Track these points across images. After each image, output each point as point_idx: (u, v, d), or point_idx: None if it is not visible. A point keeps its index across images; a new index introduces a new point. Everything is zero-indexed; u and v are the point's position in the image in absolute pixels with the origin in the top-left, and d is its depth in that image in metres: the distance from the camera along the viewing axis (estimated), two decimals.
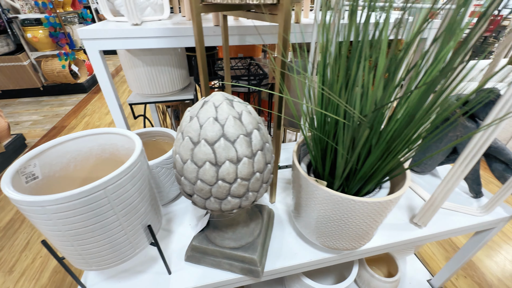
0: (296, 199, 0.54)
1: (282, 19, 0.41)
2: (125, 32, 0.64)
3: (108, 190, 0.34)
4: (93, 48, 0.65)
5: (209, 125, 0.37)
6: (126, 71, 0.88)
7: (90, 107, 2.72)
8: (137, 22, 0.68)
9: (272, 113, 0.56)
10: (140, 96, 0.94)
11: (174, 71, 0.91)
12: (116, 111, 0.75)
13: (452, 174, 0.52)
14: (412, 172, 0.83)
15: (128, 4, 0.65)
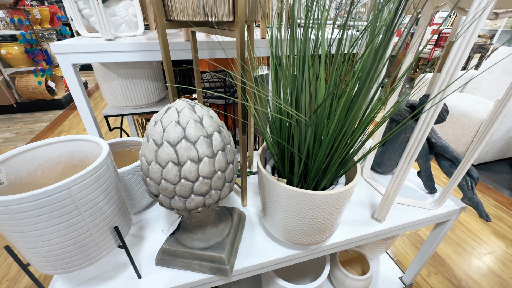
0: (262, 199, 0.57)
1: (238, 34, 0.47)
2: (98, 46, 0.67)
3: (73, 190, 0.36)
4: (66, 61, 0.67)
5: (171, 127, 0.41)
6: (102, 84, 0.91)
7: (67, 123, 2.65)
8: (110, 37, 0.71)
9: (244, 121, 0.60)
10: (115, 109, 0.96)
11: (149, 84, 0.94)
12: (89, 123, 0.76)
13: (399, 170, 0.58)
14: (375, 172, 0.89)
15: (101, 20, 0.69)
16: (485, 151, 1.86)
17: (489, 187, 1.78)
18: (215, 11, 0.45)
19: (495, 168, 1.99)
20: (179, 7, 0.45)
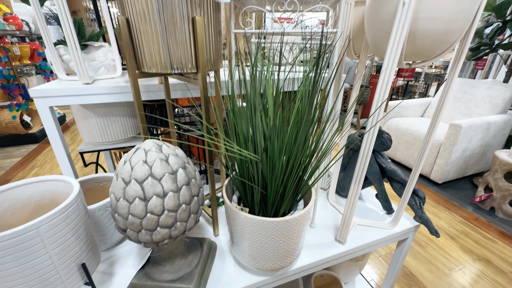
0: (230, 228, 0.61)
1: (201, 82, 0.54)
2: (76, 90, 0.73)
3: (41, 229, 0.39)
4: (43, 104, 0.71)
5: (139, 166, 0.46)
6: (78, 122, 0.94)
7: (41, 158, 2.57)
8: (88, 81, 0.77)
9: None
10: (91, 145, 0.98)
11: (126, 120, 0.99)
12: (64, 163, 0.79)
13: (351, 193, 0.65)
14: (340, 196, 0.96)
15: (79, 66, 0.76)
16: (447, 170, 2.03)
17: (454, 204, 1.91)
18: (181, 65, 0.53)
19: (458, 186, 2.15)
20: (149, 62, 0.53)
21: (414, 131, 2.23)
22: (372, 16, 0.55)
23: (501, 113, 2.10)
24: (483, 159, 2.17)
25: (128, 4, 0.49)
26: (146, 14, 0.48)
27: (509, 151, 1.78)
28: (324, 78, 0.53)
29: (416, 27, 0.48)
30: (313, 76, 0.43)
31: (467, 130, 1.88)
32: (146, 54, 0.52)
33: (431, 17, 0.47)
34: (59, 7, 0.70)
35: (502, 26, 2.12)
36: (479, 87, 2.24)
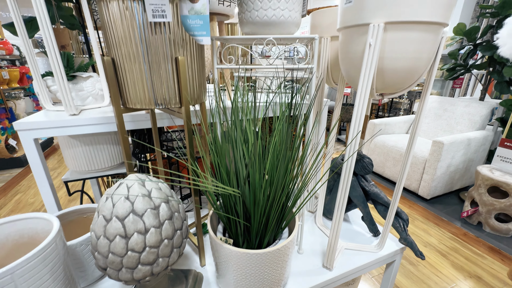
0: (214, 259, 0.61)
1: (184, 115, 0.56)
2: (61, 122, 0.73)
3: (16, 274, 0.38)
4: (28, 136, 0.71)
5: (120, 203, 0.46)
6: (64, 150, 0.94)
7: (25, 183, 2.49)
8: (75, 112, 0.78)
9: None
10: (77, 173, 0.97)
11: (113, 148, 0.99)
12: (48, 195, 0.77)
13: (335, 220, 0.66)
14: (328, 219, 0.97)
15: (66, 98, 0.77)
16: (434, 186, 2.07)
17: (443, 220, 1.93)
18: (165, 101, 0.55)
19: (446, 201, 2.19)
20: (134, 98, 0.55)
21: (400, 148, 2.29)
22: (344, 53, 0.59)
23: (480, 129, 2.20)
24: (467, 174, 2.24)
25: (115, 46, 0.51)
26: (131, 55, 0.51)
27: (490, 166, 1.85)
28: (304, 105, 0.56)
29: (383, 65, 0.53)
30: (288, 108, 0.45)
31: (449, 146, 1.95)
32: (131, 91, 0.54)
33: (395, 57, 0.51)
34: (47, 42, 0.73)
35: (474, 49, 2.28)
36: (458, 104, 2.35)
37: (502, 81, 2.12)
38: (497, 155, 1.80)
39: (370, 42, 0.50)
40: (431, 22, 0.48)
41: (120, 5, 0.47)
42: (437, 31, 0.50)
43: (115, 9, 0.48)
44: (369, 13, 0.49)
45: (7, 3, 0.74)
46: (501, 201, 1.70)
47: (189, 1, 0.47)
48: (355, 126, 0.57)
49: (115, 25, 0.49)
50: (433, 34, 0.50)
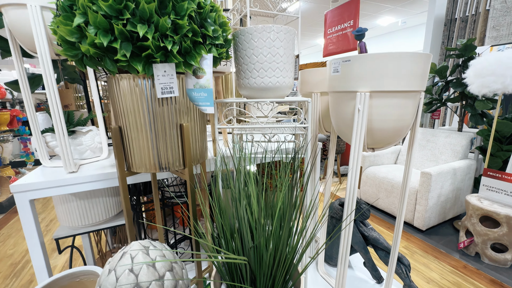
0: None
1: (188, 177, 0.58)
2: (60, 181, 0.73)
3: None
4: (24, 198, 0.70)
5: (124, 277, 0.45)
6: (57, 206, 0.91)
7: (5, 231, 2.32)
8: (74, 170, 0.78)
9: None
10: (69, 229, 0.94)
11: (108, 200, 0.97)
12: (38, 257, 0.74)
13: (340, 264, 0.66)
14: (330, 266, 0.95)
15: (66, 155, 0.77)
16: (428, 217, 2.09)
17: (441, 252, 1.92)
18: (169, 164, 0.57)
19: (441, 231, 2.20)
20: (139, 163, 0.57)
21: (391, 179, 2.35)
22: (335, 112, 0.64)
23: (463, 158, 2.31)
24: (457, 203, 2.28)
25: (122, 116, 0.54)
26: (138, 125, 0.54)
27: (478, 195, 1.91)
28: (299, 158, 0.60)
29: (372, 125, 0.58)
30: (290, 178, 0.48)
31: (437, 177, 2.02)
32: (136, 157, 0.56)
33: (382, 119, 0.57)
34: (51, 102, 0.75)
35: (446, 85, 2.50)
36: (439, 135, 2.49)
37: (475, 113, 2.29)
38: (483, 184, 1.87)
39: (358, 107, 0.55)
40: (409, 91, 0.54)
41: (130, 82, 0.51)
42: (416, 96, 0.57)
43: (125, 85, 0.52)
44: (355, 83, 0.55)
45: (14, 62, 0.78)
46: (494, 231, 1.73)
47: (194, 77, 0.52)
48: (352, 179, 0.60)
49: (124, 98, 0.53)
50: (413, 99, 0.56)
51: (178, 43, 0.46)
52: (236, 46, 0.63)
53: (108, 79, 0.55)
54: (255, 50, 0.60)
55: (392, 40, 7.20)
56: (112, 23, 0.41)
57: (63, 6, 0.44)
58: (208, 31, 0.50)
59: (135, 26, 0.42)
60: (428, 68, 0.54)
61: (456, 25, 3.87)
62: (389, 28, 6.70)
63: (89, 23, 0.41)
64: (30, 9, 0.65)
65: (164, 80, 0.48)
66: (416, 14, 5.65)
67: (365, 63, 0.53)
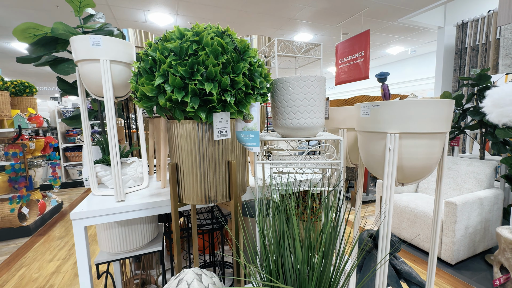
0: None
1: (233, 209, 0.64)
2: (111, 210, 0.81)
3: None
4: (80, 225, 0.78)
5: None
6: (100, 232, 0.98)
7: (31, 254, 2.40)
8: (123, 199, 0.86)
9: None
10: (108, 254, 0.99)
11: (145, 226, 1.03)
12: (85, 279, 0.79)
13: None
14: None
15: (117, 185, 0.86)
16: (456, 249, 1.99)
17: None
18: (215, 198, 0.64)
19: (472, 266, 2.07)
20: (187, 195, 0.64)
21: (413, 208, 2.29)
22: (365, 149, 0.70)
23: (488, 187, 2.24)
24: (487, 235, 2.17)
25: (177, 153, 0.63)
26: (191, 162, 0.62)
27: (510, 227, 1.82)
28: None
29: (402, 163, 0.63)
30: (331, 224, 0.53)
31: (463, 207, 1.96)
32: (186, 190, 0.63)
33: (411, 157, 0.62)
34: (111, 137, 0.85)
35: (463, 113, 2.51)
36: (461, 163, 2.45)
37: (497, 141, 2.27)
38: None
39: (389, 147, 0.61)
40: (435, 132, 0.60)
41: (188, 126, 0.60)
42: (442, 136, 0.62)
43: (184, 128, 0.61)
44: (385, 125, 0.62)
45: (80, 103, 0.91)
46: None
47: (243, 121, 0.60)
48: (386, 214, 0.64)
49: (180, 139, 0.62)
50: (439, 139, 0.62)
51: (234, 95, 0.55)
52: (274, 92, 0.73)
53: (168, 123, 0.65)
54: (292, 96, 0.69)
55: (402, 67, 7.37)
56: (186, 83, 0.51)
57: (144, 68, 0.54)
58: (256, 83, 0.59)
59: (203, 84, 0.52)
60: (452, 112, 0.60)
61: (467, 53, 3.96)
62: (398, 56, 6.90)
63: (167, 83, 0.51)
64: (102, 63, 0.78)
65: (221, 125, 0.57)
66: (425, 43, 5.83)
67: (393, 109, 0.59)
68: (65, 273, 2.09)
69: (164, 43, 0.54)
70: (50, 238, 2.71)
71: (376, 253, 0.86)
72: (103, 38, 0.77)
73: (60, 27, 0.96)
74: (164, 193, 0.95)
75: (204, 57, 0.51)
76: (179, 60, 0.52)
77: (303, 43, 1.14)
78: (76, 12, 1.07)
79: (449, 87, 4.02)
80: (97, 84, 0.82)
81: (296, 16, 4.00)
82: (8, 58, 5.46)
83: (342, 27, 4.61)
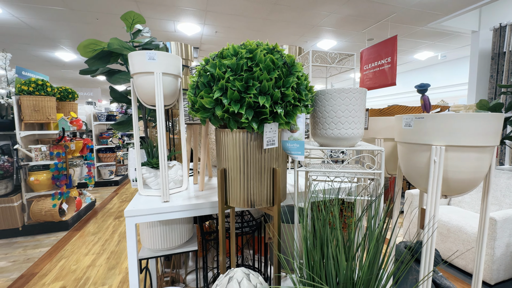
0: None
1: (276, 213, 0.67)
2: (158, 209, 0.88)
3: None
4: (131, 222, 0.85)
5: None
6: (143, 230, 1.06)
7: (69, 247, 2.59)
8: (167, 200, 0.93)
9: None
10: (149, 251, 1.07)
11: (184, 226, 1.10)
12: (134, 273, 0.86)
13: None
14: None
15: (164, 186, 0.93)
16: (496, 269, 1.86)
17: None
18: (259, 202, 0.67)
19: None
20: (233, 199, 0.68)
21: (446, 222, 2.18)
22: (406, 161, 0.71)
23: None
24: None
25: (226, 160, 0.68)
26: (236, 168, 0.66)
27: None
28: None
29: (447, 175, 0.63)
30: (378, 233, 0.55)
31: (503, 223, 1.83)
32: (232, 193, 0.68)
33: (457, 171, 0.62)
34: (161, 141, 0.92)
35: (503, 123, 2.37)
36: (500, 176, 2.30)
37: None
38: None
39: (434, 159, 0.61)
40: (484, 146, 0.59)
41: (238, 135, 0.65)
42: (491, 150, 0.62)
43: (233, 137, 0.66)
44: (430, 137, 0.62)
45: (132, 111, 1.00)
46: None
47: (289, 131, 0.64)
48: (430, 228, 0.64)
49: (228, 146, 0.67)
50: (488, 153, 0.61)
51: (283, 108, 0.59)
52: (315, 103, 0.76)
53: (217, 132, 0.70)
54: (333, 107, 0.72)
55: (431, 73, 7.06)
56: (241, 96, 0.56)
57: (203, 83, 0.60)
58: (302, 96, 0.63)
59: (257, 97, 0.56)
60: (501, 126, 0.60)
61: (506, 59, 3.73)
62: (427, 62, 6.63)
63: (224, 96, 0.57)
64: (155, 75, 0.86)
65: (270, 135, 0.61)
66: (457, 48, 5.56)
67: (439, 122, 0.60)
68: (99, 267, 2.23)
69: (221, 60, 0.59)
70: (85, 233, 2.91)
71: (415, 266, 0.85)
72: (158, 53, 0.86)
73: (115, 42, 1.07)
74: (203, 195, 1.01)
75: (258, 73, 0.55)
76: (235, 75, 0.57)
77: (337, 53, 1.17)
78: (128, 28, 1.19)
79: (485, 94, 3.79)
80: (149, 94, 0.90)
81: (320, 23, 4.01)
82: (52, 66, 5.98)
83: (367, 33, 4.54)
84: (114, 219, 3.34)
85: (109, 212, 3.61)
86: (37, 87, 2.85)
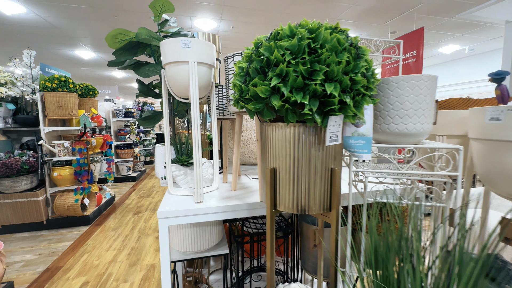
0: None
1: (334, 220, 0.59)
2: (191, 211, 0.81)
3: None
4: (165, 224, 0.79)
5: None
6: (172, 231, 1.00)
7: (91, 242, 2.62)
8: (201, 200, 0.86)
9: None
10: (179, 253, 1.01)
11: (213, 228, 1.03)
12: (166, 274, 0.80)
13: None
14: None
15: (197, 187, 0.86)
16: None
17: None
18: (308, 207, 0.59)
19: None
20: (281, 202, 0.60)
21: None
22: (488, 161, 0.60)
23: None
24: None
25: (274, 159, 0.59)
26: (285, 167, 0.58)
27: None
28: None
29: None
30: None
31: None
32: (281, 196, 0.60)
33: None
34: (195, 138, 0.85)
35: None
36: None
37: None
38: None
39: None
40: None
41: (291, 130, 0.56)
42: None
43: (284, 132, 0.57)
44: None
45: (163, 104, 0.93)
46: None
47: (353, 125, 0.54)
48: None
49: (277, 143, 0.58)
50: None
51: (352, 97, 0.50)
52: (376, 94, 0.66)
53: (263, 126, 0.62)
54: (400, 98, 0.62)
55: (456, 68, 6.67)
56: (305, 83, 0.47)
57: (255, 68, 0.52)
58: (370, 84, 0.53)
59: (323, 84, 0.47)
60: None
61: None
62: (452, 55, 6.26)
63: (283, 83, 0.48)
64: (190, 65, 0.79)
65: (333, 130, 0.52)
66: (487, 40, 5.20)
67: None
68: (121, 263, 2.23)
69: (276, 41, 0.51)
70: (105, 228, 2.94)
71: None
72: (193, 40, 0.78)
73: (143, 32, 1.01)
74: (236, 196, 0.94)
75: (326, 55, 0.46)
76: (296, 59, 0.48)
77: (382, 40, 1.05)
78: (156, 18, 1.12)
79: None
80: (183, 86, 0.83)
81: (341, 16, 3.83)
82: (72, 64, 6.12)
83: (390, 25, 4.31)
84: (133, 214, 3.37)
85: (128, 207, 3.64)
86: (60, 84, 2.89)
